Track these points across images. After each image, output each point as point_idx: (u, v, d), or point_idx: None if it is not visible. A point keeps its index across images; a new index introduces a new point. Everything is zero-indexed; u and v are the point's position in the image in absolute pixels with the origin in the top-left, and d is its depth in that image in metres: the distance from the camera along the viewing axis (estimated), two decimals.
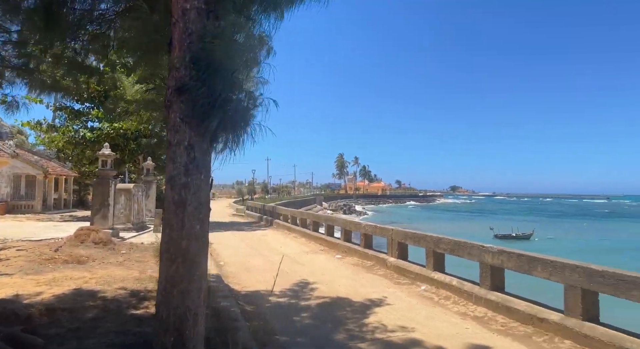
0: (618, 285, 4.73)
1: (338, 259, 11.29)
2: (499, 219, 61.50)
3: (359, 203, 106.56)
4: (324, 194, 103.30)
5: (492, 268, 6.69)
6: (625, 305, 4.98)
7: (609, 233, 47.31)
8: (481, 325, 5.96)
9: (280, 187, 78.64)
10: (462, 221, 63.10)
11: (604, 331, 4.85)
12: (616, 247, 34.60)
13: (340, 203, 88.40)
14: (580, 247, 33.97)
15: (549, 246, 33.83)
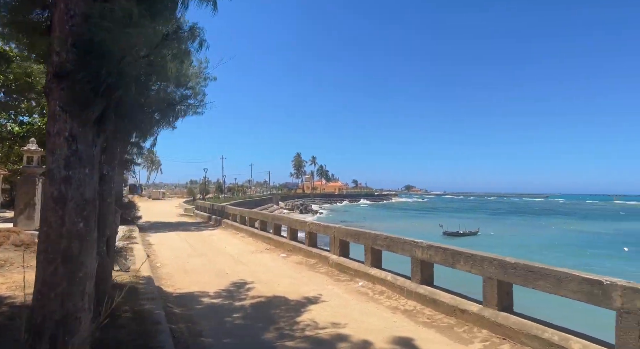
0: (527, 276, 5.04)
1: (283, 258, 11.20)
2: (447, 217, 64.28)
3: (316, 202, 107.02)
4: (280, 193, 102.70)
5: (422, 262, 6.92)
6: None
7: (543, 230, 50.96)
8: (409, 318, 6.13)
9: (235, 186, 77.03)
10: (413, 219, 65.20)
11: (516, 320, 5.15)
12: (550, 243, 37.31)
13: (297, 202, 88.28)
14: (520, 244, 36.28)
15: (491, 242, 35.85)
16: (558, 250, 31.52)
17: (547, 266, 4.91)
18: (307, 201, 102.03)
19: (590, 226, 55.31)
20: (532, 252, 29.29)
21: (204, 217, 23.76)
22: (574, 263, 25.98)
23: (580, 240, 38.74)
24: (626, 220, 69.87)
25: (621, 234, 44.42)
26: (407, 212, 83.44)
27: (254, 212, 16.06)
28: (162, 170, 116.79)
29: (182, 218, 25.72)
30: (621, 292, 4.04)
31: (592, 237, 42.00)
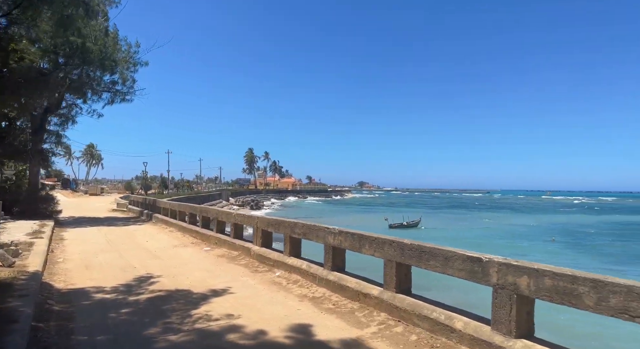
0: (421, 256, 5.01)
1: (206, 251, 10.68)
2: (393, 211, 66.13)
3: (268, 198, 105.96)
4: (231, 189, 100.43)
5: (334, 248, 6.77)
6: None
7: (479, 222, 53.93)
8: (314, 305, 5.94)
9: (181, 182, 74.05)
10: (362, 213, 66.43)
11: (410, 301, 5.11)
12: (483, 235, 39.44)
13: (248, 198, 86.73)
14: (455, 236, 37.96)
15: (430, 235, 37.26)
16: (490, 241, 33.37)
17: (437, 245, 4.91)
18: (259, 197, 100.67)
19: (523, 219, 59.41)
20: (464, 245, 30.80)
21: (136, 212, 22.43)
22: (505, 253, 27.61)
23: (512, 232, 41.34)
24: (553, 213, 75.82)
25: (549, 226, 48.03)
26: (357, 207, 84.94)
27: (184, 205, 15.29)
28: (103, 165, 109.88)
29: (114, 213, 24.14)
30: (497, 268, 4.07)
31: (523, 229, 45.03)
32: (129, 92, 18.99)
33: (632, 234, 41.45)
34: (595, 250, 29.30)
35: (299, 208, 79.76)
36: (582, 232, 42.03)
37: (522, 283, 3.83)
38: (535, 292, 3.73)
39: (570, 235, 38.96)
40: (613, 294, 3.16)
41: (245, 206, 76.96)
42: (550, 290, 3.58)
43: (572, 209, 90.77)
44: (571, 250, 29.16)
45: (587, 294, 3.32)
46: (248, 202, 79.67)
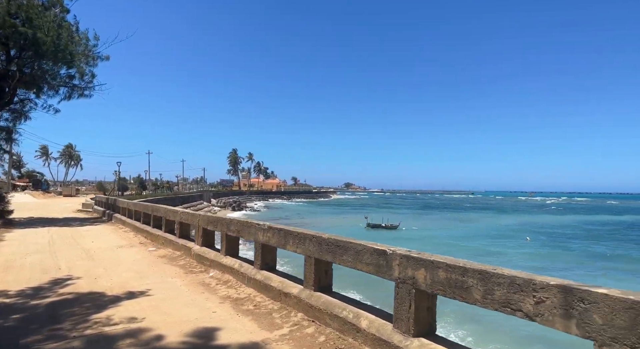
0: (335, 251, 4.64)
1: (150, 252, 10.13)
2: (376, 212, 66.10)
3: (252, 200, 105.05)
4: (213, 190, 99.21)
5: (263, 246, 6.36)
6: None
7: (461, 222, 54.24)
8: (233, 307, 5.51)
9: (160, 182, 72.57)
10: (344, 214, 66.22)
11: (325, 300, 4.73)
12: (463, 235, 39.55)
13: (230, 200, 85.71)
14: (434, 235, 37.96)
15: (410, 235, 37.18)
16: (469, 241, 33.44)
17: (351, 239, 4.54)
18: (243, 198, 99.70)
19: (502, 219, 60.02)
20: (440, 245, 30.77)
21: (100, 213, 21.62)
22: (481, 251, 27.72)
23: (489, 232, 41.59)
24: (532, 213, 76.92)
25: (524, 227, 48.55)
26: (340, 208, 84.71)
27: (139, 205, 14.65)
28: (82, 166, 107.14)
29: (77, 214, 23.23)
30: (399, 261, 3.72)
31: (500, 229, 45.37)
32: (87, 87, 18.24)
33: (596, 234, 42.22)
34: (564, 250, 29.58)
35: (281, 209, 79.13)
36: (553, 232, 42.61)
37: (419, 277, 3.49)
38: (431, 286, 3.38)
39: (545, 235, 39.39)
40: (497, 286, 2.83)
41: (227, 208, 75.96)
42: (444, 283, 3.24)
43: (549, 209, 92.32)
44: (543, 249, 29.37)
45: (476, 286, 2.98)
46: (230, 204, 78.66)
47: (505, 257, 24.93)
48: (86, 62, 18.48)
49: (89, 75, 17.84)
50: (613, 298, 2.25)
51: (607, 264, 23.32)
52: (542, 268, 21.19)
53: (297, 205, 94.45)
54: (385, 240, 16.42)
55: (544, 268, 20.98)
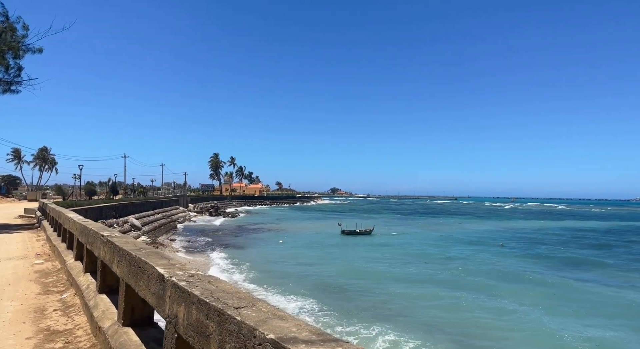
0: (137, 274, 3.38)
1: (33, 265, 8.72)
2: (356, 218, 65.04)
3: (234, 205, 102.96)
4: (192, 195, 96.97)
5: (102, 263, 5.04)
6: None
7: (442, 227, 53.45)
8: (36, 346, 4.19)
9: (135, 186, 70.21)
10: (324, 219, 64.93)
11: (125, 340, 3.45)
12: (441, 239, 38.63)
13: (208, 205, 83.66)
14: (410, 241, 36.94)
15: (383, 241, 36.09)
16: (446, 246, 32.51)
17: (155, 255, 3.28)
18: (223, 203, 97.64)
19: (479, 225, 59.51)
20: (408, 250, 29.81)
21: (37, 219, 19.96)
22: (452, 255, 26.80)
23: (464, 237, 40.79)
24: (510, 219, 76.77)
25: (502, 232, 47.97)
26: (322, 213, 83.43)
27: (54, 210, 13.18)
28: (57, 170, 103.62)
29: (17, 220, 21.50)
30: (170, 291, 2.52)
31: (476, 234, 44.65)
32: (14, 82, 16.66)
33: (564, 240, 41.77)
34: (535, 255, 28.80)
35: (261, 215, 77.46)
36: (526, 237, 42.04)
37: (180, 316, 2.28)
38: (186, 330, 2.17)
39: (518, 241, 38.73)
40: (229, 336, 1.71)
41: (204, 213, 74.03)
42: (195, 327, 2.07)
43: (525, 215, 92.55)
44: (515, 254, 28.54)
45: (214, 335, 1.82)
46: (207, 209, 76.71)
47: (474, 262, 23.97)
48: (16, 55, 16.92)
49: (14, 69, 16.29)
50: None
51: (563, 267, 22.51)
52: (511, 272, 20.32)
53: (279, 210, 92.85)
54: (357, 246, 15.04)
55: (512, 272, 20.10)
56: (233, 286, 2.35)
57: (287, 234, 39.69)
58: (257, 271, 20.27)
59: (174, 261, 3.19)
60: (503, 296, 16.30)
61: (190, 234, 37.75)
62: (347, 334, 11.32)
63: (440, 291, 16.80)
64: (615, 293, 17.16)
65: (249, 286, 17.11)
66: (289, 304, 14.40)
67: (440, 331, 11.92)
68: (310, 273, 20.50)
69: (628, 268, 23.74)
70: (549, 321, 12.90)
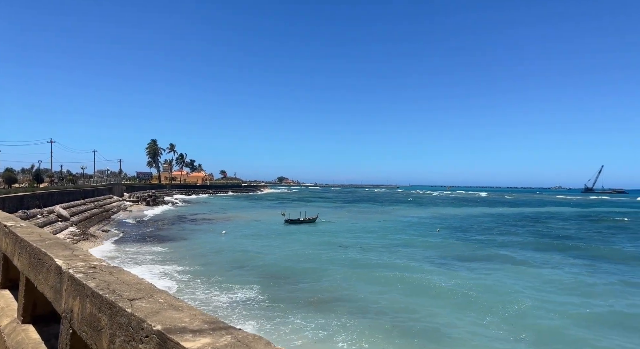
0: (37, 265, 3.08)
1: None
2: (301, 206, 65.46)
3: (173, 194, 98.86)
4: (128, 183, 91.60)
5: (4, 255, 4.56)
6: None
7: (381, 215, 55.49)
8: None
9: (66, 174, 64.70)
10: (269, 208, 64.60)
11: (22, 338, 3.15)
12: (380, 226, 40.08)
13: (145, 194, 79.51)
14: (351, 228, 37.93)
15: (327, 228, 36.75)
16: (384, 232, 33.79)
17: (56, 243, 3.01)
18: (163, 192, 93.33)
19: (418, 211, 62.76)
20: (351, 237, 30.68)
21: None
22: (392, 241, 27.96)
23: (404, 223, 42.79)
24: (444, 206, 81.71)
25: (438, 218, 50.94)
26: (268, 203, 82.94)
27: None
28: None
29: None
30: (67, 284, 2.32)
31: (415, 220, 47.02)
32: None
33: (476, 226, 45.32)
34: (465, 240, 30.89)
35: (205, 204, 75.27)
36: (466, 224, 44.96)
37: (75, 310, 2.09)
38: (80, 326, 2.02)
39: (451, 226, 41.25)
40: (119, 330, 1.64)
41: (141, 202, 70.32)
42: (89, 322, 1.93)
43: (446, 201, 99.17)
44: (451, 239, 30.38)
45: (106, 329, 1.72)
46: (144, 198, 72.91)
47: (412, 248, 25.20)
48: None
49: None
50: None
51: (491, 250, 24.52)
52: (446, 256, 21.64)
53: (222, 200, 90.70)
54: (301, 235, 14.77)
55: (447, 256, 21.43)
56: (136, 277, 2.21)
57: (230, 224, 38.97)
58: (196, 263, 19.70)
59: (79, 252, 2.95)
60: (439, 278, 17.36)
61: (125, 225, 35.72)
62: (287, 324, 11.40)
63: (380, 275, 17.48)
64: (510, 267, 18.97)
65: (185, 278, 16.59)
66: (229, 295, 14.18)
67: (382, 315, 12.44)
68: (253, 263, 20.35)
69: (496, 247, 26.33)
70: (490, 298, 13.95)
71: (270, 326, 11.15)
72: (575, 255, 23.78)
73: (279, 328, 11.04)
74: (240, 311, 12.44)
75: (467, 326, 11.55)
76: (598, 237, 33.35)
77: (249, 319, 11.70)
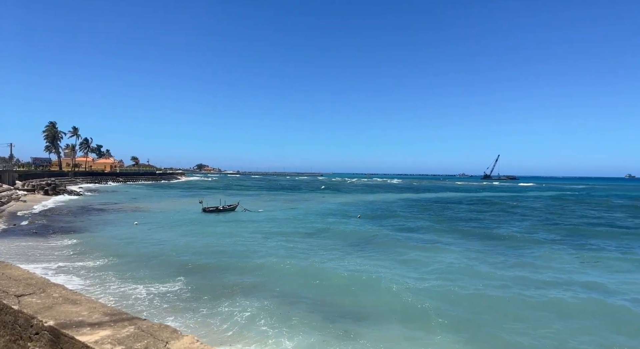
0: None
1: None
2: (224, 194, 63.76)
3: (77, 182, 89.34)
4: (21, 170, 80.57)
5: None
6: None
7: (304, 203, 56.41)
8: None
9: None
10: (185, 197, 61.80)
11: None
12: (302, 213, 40.71)
13: (43, 182, 70.69)
14: (274, 217, 37.98)
15: (248, 217, 36.34)
16: (304, 219, 34.40)
17: None
18: (65, 180, 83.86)
19: (339, 198, 65.06)
20: (279, 225, 30.83)
21: None
22: (312, 227, 28.60)
23: (326, 210, 44.03)
24: (363, 193, 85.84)
25: (363, 204, 53.33)
26: (186, 191, 79.16)
27: None
28: None
29: None
30: None
31: (335, 206, 48.66)
32: None
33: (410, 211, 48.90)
34: (382, 225, 32.83)
35: (113, 193, 69.27)
36: (383, 209, 47.63)
37: None
38: None
39: (374, 212, 43.49)
40: (3, 329, 1.39)
41: (38, 191, 62.44)
42: None
43: (372, 189, 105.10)
44: (370, 225, 31.99)
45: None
46: (42, 187, 64.84)
47: (333, 233, 26.08)
48: None
49: None
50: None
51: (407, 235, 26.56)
52: (366, 240, 22.80)
53: (134, 188, 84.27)
54: (219, 223, 14.10)
55: (366, 240, 22.62)
56: (27, 271, 2.00)
57: (143, 214, 36.50)
58: (106, 257, 18.21)
59: None
60: (356, 260, 18.27)
61: (17, 217, 31.48)
62: (211, 316, 11.15)
63: (301, 262, 17.85)
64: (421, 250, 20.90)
65: (95, 274, 15.28)
66: (148, 289, 13.41)
67: (302, 300, 12.75)
68: (171, 254, 19.42)
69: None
70: (403, 277, 15.02)
71: (198, 318, 10.90)
72: (461, 237, 26.51)
73: (206, 320, 10.80)
74: (162, 305, 11.91)
75: (371, 310, 12.41)
76: (489, 219, 37.75)
77: (172, 312, 11.30)
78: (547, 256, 19.93)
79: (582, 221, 36.14)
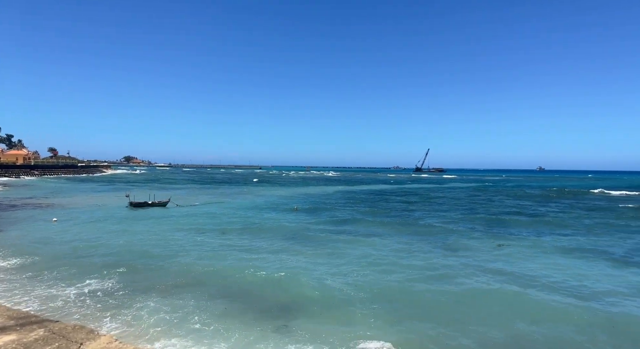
0: None
1: None
2: (154, 188, 60.57)
3: None
4: None
5: None
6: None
7: (241, 196, 55.55)
8: None
9: None
10: (113, 191, 57.75)
11: None
12: (239, 207, 40.14)
13: None
14: (209, 212, 37.03)
15: (178, 212, 35.00)
16: (238, 213, 33.92)
17: None
18: None
19: (278, 191, 65.05)
20: (212, 219, 30.15)
21: None
22: (247, 222, 28.28)
23: (263, 203, 43.83)
24: (303, 186, 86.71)
25: (299, 197, 53.74)
26: (112, 185, 73.72)
27: None
28: None
29: None
30: None
31: (274, 199, 48.59)
32: None
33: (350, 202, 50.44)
34: (317, 218, 33.56)
35: (27, 187, 62.56)
36: (319, 201, 48.49)
37: None
38: None
39: (310, 204, 44.11)
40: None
41: None
42: None
43: (309, 181, 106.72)
44: (305, 217, 32.47)
45: None
46: None
47: (268, 228, 26.10)
48: None
49: None
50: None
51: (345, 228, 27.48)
52: (300, 234, 23.13)
53: (52, 182, 76.67)
54: (149, 219, 13.45)
55: (302, 231, 22.97)
56: None
57: (63, 211, 33.55)
58: (21, 257, 16.62)
59: None
60: (290, 254, 18.55)
61: None
62: (139, 317, 10.72)
63: (235, 258, 17.72)
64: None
65: (11, 277, 13.93)
66: (66, 290, 12.50)
67: (237, 296, 12.73)
68: (97, 252, 18.22)
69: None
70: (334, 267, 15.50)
71: (128, 317, 10.42)
72: (390, 228, 28.20)
73: (136, 320, 10.36)
74: (96, 305, 11.29)
75: (305, 302, 12.82)
76: (417, 210, 40.23)
77: (102, 310, 10.81)
78: (466, 244, 21.84)
79: (500, 210, 39.84)
